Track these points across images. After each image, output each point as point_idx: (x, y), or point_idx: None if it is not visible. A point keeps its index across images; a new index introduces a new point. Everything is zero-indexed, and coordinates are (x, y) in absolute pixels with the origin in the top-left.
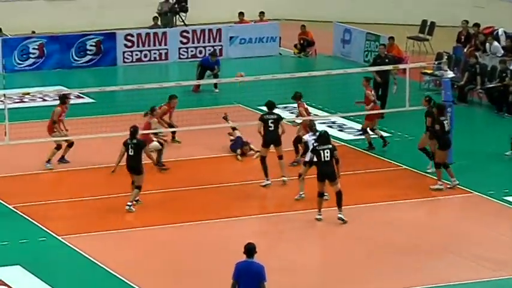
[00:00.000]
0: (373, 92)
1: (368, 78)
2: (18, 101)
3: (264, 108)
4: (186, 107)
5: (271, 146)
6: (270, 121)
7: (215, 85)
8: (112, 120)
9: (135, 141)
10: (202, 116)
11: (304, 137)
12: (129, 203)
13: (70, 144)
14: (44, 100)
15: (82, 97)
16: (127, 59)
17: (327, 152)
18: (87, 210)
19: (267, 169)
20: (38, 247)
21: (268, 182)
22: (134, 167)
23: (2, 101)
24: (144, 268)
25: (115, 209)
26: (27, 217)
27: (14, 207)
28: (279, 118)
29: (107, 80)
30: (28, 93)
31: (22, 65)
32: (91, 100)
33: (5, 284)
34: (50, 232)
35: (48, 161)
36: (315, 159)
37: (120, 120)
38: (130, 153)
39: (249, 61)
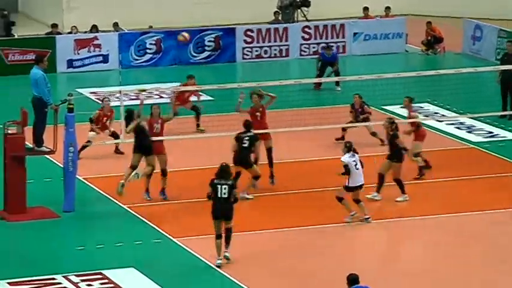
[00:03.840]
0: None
1: (411, 99)
2: (134, 97)
3: (390, 108)
4: (305, 105)
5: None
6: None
7: (337, 83)
8: (230, 119)
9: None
10: (320, 115)
11: (342, 158)
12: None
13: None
14: (161, 97)
15: (200, 94)
16: (246, 55)
17: (225, 189)
18: (202, 212)
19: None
20: (153, 249)
21: None
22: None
23: (117, 98)
24: (258, 272)
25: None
26: (141, 218)
27: (128, 207)
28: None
29: (226, 76)
30: (144, 90)
31: (139, 61)
32: (209, 98)
33: (119, 287)
34: (165, 234)
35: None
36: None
37: (239, 118)
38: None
39: (373, 58)
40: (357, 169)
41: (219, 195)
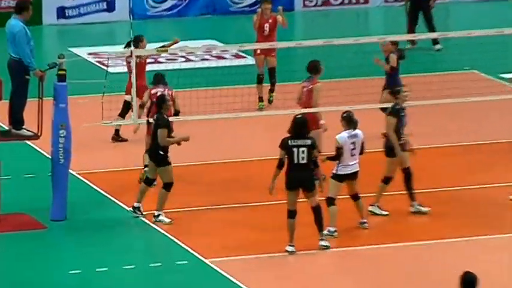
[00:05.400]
0: None
1: None
2: (151, 60)
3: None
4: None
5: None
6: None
7: (434, 40)
8: (284, 91)
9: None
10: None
11: (338, 137)
12: None
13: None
14: (188, 60)
15: (243, 56)
16: (309, 1)
17: (303, 152)
18: (244, 221)
19: None
20: (176, 274)
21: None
22: None
23: (129, 62)
24: None
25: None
26: (159, 229)
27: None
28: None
29: (279, 32)
30: (166, 50)
31: (157, 10)
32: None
33: None
34: (193, 252)
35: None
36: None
37: (296, 90)
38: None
39: (486, 6)
40: (353, 155)
41: (296, 161)
